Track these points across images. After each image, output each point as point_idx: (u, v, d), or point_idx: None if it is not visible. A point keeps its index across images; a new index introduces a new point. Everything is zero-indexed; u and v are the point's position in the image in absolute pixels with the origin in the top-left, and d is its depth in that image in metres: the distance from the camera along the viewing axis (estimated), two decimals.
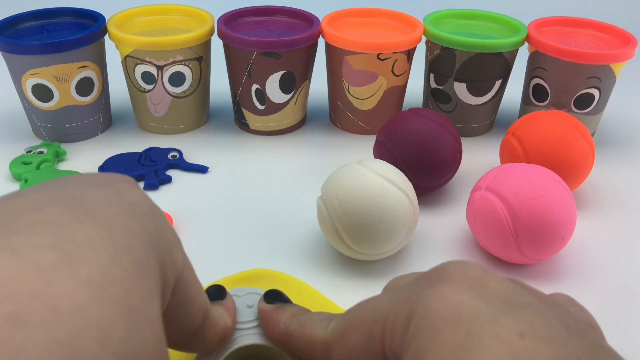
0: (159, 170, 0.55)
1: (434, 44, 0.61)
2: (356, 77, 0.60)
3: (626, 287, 0.44)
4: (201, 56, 0.60)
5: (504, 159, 0.54)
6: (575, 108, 0.60)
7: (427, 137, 0.49)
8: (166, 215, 0.48)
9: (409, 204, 0.42)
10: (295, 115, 0.63)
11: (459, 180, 0.56)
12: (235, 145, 0.62)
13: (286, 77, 0.59)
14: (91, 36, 0.57)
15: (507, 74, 0.62)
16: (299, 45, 0.58)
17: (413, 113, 0.51)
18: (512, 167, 0.44)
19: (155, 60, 0.57)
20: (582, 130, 0.50)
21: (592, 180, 0.56)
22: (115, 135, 0.63)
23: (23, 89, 0.57)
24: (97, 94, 0.60)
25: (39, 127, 0.60)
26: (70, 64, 0.56)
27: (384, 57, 0.59)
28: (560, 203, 0.41)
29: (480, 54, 0.59)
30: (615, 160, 0.61)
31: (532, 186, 0.42)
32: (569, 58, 0.57)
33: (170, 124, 0.62)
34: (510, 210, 0.41)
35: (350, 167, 0.43)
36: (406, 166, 0.49)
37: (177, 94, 0.60)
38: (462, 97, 0.62)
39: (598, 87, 0.59)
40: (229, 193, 0.53)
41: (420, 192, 0.51)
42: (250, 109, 0.62)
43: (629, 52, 0.58)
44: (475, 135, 0.65)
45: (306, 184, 0.54)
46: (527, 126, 0.51)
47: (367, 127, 0.64)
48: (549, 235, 0.41)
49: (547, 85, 0.60)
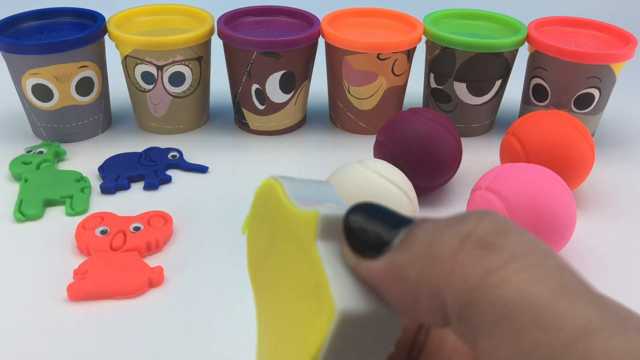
0: (159, 170, 0.55)
1: (434, 43, 0.61)
2: (356, 77, 0.60)
3: (627, 287, 0.44)
4: (201, 56, 0.60)
5: (504, 159, 0.54)
6: (575, 108, 0.60)
7: (427, 137, 0.49)
8: (166, 215, 0.48)
9: (409, 204, 0.42)
10: (295, 115, 0.63)
11: (459, 180, 0.56)
12: (235, 145, 0.62)
13: (286, 77, 0.59)
14: (91, 36, 0.57)
15: (507, 74, 0.62)
16: (299, 45, 0.58)
17: (413, 113, 0.51)
18: (512, 167, 0.44)
19: (155, 60, 0.57)
20: (582, 130, 0.50)
21: (592, 180, 0.56)
22: (115, 135, 0.63)
23: (23, 88, 0.57)
24: (97, 94, 0.60)
25: (39, 127, 0.60)
26: (70, 64, 0.56)
27: (384, 57, 0.59)
28: (560, 203, 0.41)
29: (480, 53, 0.59)
30: (615, 160, 0.61)
31: (532, 186, 0.42)
32: (569, 58, 0.57)
33: (170, 124, 0.62)
34: (511, 210, 0.41)
35: (350, 167, 0.43)
36: (406, 166, 0.49)
37: (177, 94, 0.60)
38: (462, 97, 0.62)
39: (598, 87, 0.59)
40: (229, 193, 0.53)
41: (421, 192, 0.51)
42: (250, 109, 0.62)
43: (629, 52, 0.58)
44: (475, 135, 0.65)
45: None
46: (527, 126, 0.51)
47: (367, 127, 0.64)
48: (549, 235, 0.41)
49: (547, 85, 0.60)
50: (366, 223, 0.18)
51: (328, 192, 0.22)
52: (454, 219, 0.17)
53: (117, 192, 0.53)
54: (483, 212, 0.16)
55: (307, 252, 0.19)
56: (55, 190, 0.51)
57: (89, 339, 0.38)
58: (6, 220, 0.49)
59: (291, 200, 0.21)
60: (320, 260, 0.18)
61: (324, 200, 0.21)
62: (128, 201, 0.52)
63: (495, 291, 0.14)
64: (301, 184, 0.22)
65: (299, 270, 0.20)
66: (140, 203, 0.51)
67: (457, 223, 0.16)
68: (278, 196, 0.22)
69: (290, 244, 0.21)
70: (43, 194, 0.50)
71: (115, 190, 0.53)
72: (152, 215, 0.48)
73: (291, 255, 0.21)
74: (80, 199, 0.51)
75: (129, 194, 0.53)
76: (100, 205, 0.51)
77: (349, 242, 0.18)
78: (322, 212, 0.19)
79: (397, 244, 0.17)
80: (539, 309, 0.14)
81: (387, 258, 0.17)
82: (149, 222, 0.47)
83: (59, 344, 0.38)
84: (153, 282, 0.42)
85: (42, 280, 0.43)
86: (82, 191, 0.52)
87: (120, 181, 0.53)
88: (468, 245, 0.15)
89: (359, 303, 0.17)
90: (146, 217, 0.48)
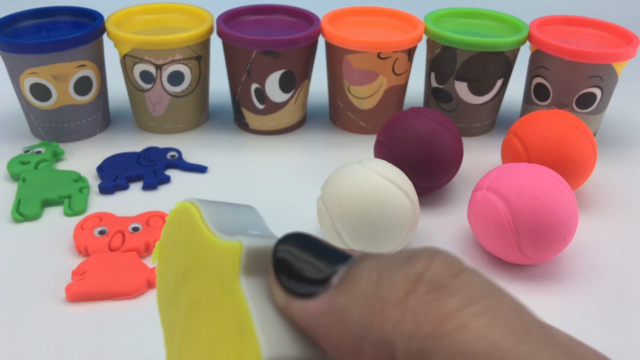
0: (158, 170, 0.55)
1: (435, 42, 0.61)
2: (356, 76, 0.60)
3: (628, 287, 0.44)
4: (200, 55, 0.59)
5: (505, 158, 0.54)
6: (577, 107, 0.60)
7: (428, 137, 0.49)
8: (165, 216, 0.48)
9: (410, 204, 0.42)
10: (295, 115, 0.63)
11: (460, 180, 0.56)
12: (235, 144, 0.61)
13: (286, 76, 0.59)
14: (89, 35, 0.56)
15: (508, 73, 0.62)
16: (299, 44, 0.58)
17: (414, 112, 0.51)
18: (513, 167, 0.44)
19: (154, 59, 0.57)
20: (584, 129, 0.50)
21: (594, 180, 0.56)
22: (114, 134, 0.62)
23: (21, 88, 0.57)
24: (96, 93, 0.60)
25: (37, 127, 0.59)
26: (68, 63, 0.56)
27: (384, 56, 0.58)
28: (562, 203, 0.41)
29: (481, 53, 0.58)
30: (618, 160, 0.61)
31: (533, 186, 0.41)
32: (571, 57, 0.57)
33: (169, 123, 0.62)
34: (512, 210, 0.41)
35: (350, 167, 0.43)
36: (407, 166, 0.49)
37: (176, 93, 0.60)
38: (463, 97, 0.61)
39: (600, 86, 0.59)
40: (229, 193, 0.53)
41: (421, 192, 0.51)
42: (249, 108, 0.61)
43: (631, 51, 0.58)
44: (476, 135, 0.65)
45: (306, 184, 0.54)
46: (528, 126, 0.51)
47: (367, 127, 0.63)
48: (550, 235, 0.41)
49: (548, 84, 0.60)
50: (299, 256, 0.16)
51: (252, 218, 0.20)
52: (401, 258, 0.15)
53: (116, 192, 0.53)
54: (433, 250, 0.15)
55: (229, 289, 0.17)
56: (53, 190, 0.51)
57: (87, 340, 0.38)
58: (4, 220, 0.49)
59: (210, 228, 0.18)
60: (244, 298, 0.16)
61: (247, 228, 0.19)
62: (127, 201, 0.52)
63: (452, 338, 0.13)
64: (221, 208, 0.19)
65: (218, 309, 0.17)
66: (139, 203, 0.51)
67: (406, 263, 0.15)
68: (195, 223, 0.19)
69: (209, 278, 0.18)
70: (41, 194, 0.50)
71: (114, 190, 0.53)
72: (151, 216, 0.48)
73: (209, 291, 0.18)
74: (78, 199, 0.50)
75: (128, 194, 0.53)
76: (98, 206, 0.51)
77: (278, 278, 0.16)
78: (247, 243, 0.16)
79: (336, 282, 0.15)
80: (501, 355, 0.13)
81: (325, 298, 0.15)
82: (147, 222, 0.47)
83: (57, 345, 0.37)
84: (152, 283, 0.42)
85: (40, 281, 0.42)
86: (80, 191, 0.51)
87: (118, 181, 0.53)
88: (420, 289, 0.14)
89: (289, 349, 0.15)
90: (145, 217, 0.47)
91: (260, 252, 0.16)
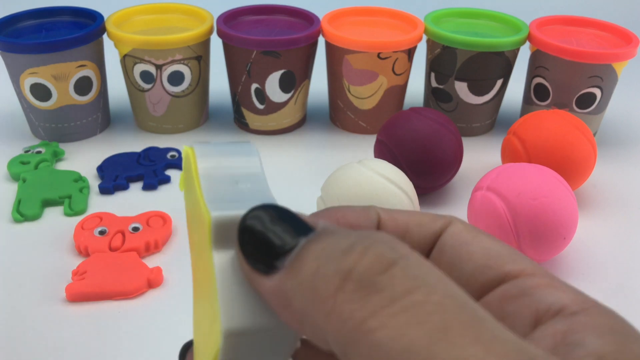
0: (158, 170, 0.55)
1: (435, 42, 0.61)
2: (356, 76, 0.60)
3: (628, 287, 0.44)
4: (200, 55, 0.59)
5: (505, 158, 0.54)
6: (577, 107, 0.60)
7: (428, 137, 0.49)
8: (165, 216, 0.48)
9: (410, 204, 0.42)
10: (295, 115, 0.63)
11: (460, 180, 0.56)
12: None
13: (286, 76, 0.59)
14: (90, 35, 0.56)
15: (508, 73, 0.62)
16: (299, 44, 0.58)
17: (414, 112, 0.51)
18: (513, 167, 0.44)
19: (154, 60, 0.57)
20: (583, 129, 0.50)
21: (594, 180, 0.56)
22: (114, 134, 0.62)
23: (21, 88, 0.57)
24: (96, 94, 0.60)
25: (37, 127, 0.59)
26: (68, 63, 0.56)
27: (384, 56, 0.58)
28: (562, 203, 0.41)
29: (481, 53, 0.58)
30: (617, 160, 0.61)
31: (533, 186, 0.41)
32: (571, 57, 0.57)
33: (169, 123, 0.62)
34: (512, 210, 0.41)
35: (350, 167, 0.43)
36: (407, 166, 0.49)
37: (176, 93, 0.60)
38: (463, 97, 0.61)
39: (600, 86, 0.59)
40: None
41: (421, 192, 0.51)
42: (249, 108, 0.61)
43: (631, 51, 0.58)
44: (476, 135, 0.65)
45: (306, 184, 0.54)
46: (528, 126, 0.51)
47: (367, 127, 0.63)
48: (550, 235, 0.41)
49: (548, 84, 0.60)
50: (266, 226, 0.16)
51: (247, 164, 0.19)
52: (341, 247, 0.15)
53: (116, 192, 0.53)
54: (371, 240, 0.15)
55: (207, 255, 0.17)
56: (53, 190, 0.51)
57: (88, 340, 0.38)
58: (4, 220, 0.49)
59: (200, 182, 0.18)
60: (214, 270, 0.16)
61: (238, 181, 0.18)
62: (127, 201, 0.52)
63: (371, 337, 0.13)
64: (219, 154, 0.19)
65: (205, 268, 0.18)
66: (139, 203, 0.51)
67: (342, 255, 0.15)
68: (191, 173, 0.19)
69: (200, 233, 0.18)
70: (41, 194, 0.50)
71: (114, 190, 0.53)
72: (151, 216, 0.48)
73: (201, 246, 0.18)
74: (78, 199, 0.50)
75: (128, 194, 0.53)
76: (98, 206, 0.51)
77: (242, 252, 0.16)
78: (216, 216, 0.16)
79: (287, 264, 0.15)
80: (413, 355, 0.13)
81: (277, 279, 0.15)
82: (147, 222, 0.47)
83: (58, 345, 0.37)
84: (152, 283, 0.42)
85: (40, 281, 0.42)
86: (80, 191, 0.51)
87: (119, 181, 0.53)
88: (348, 286, 0.14)
89: (248, 320, 0.16)
90: (145, 217, 0.47)
91: (230, 223, 0.17)
